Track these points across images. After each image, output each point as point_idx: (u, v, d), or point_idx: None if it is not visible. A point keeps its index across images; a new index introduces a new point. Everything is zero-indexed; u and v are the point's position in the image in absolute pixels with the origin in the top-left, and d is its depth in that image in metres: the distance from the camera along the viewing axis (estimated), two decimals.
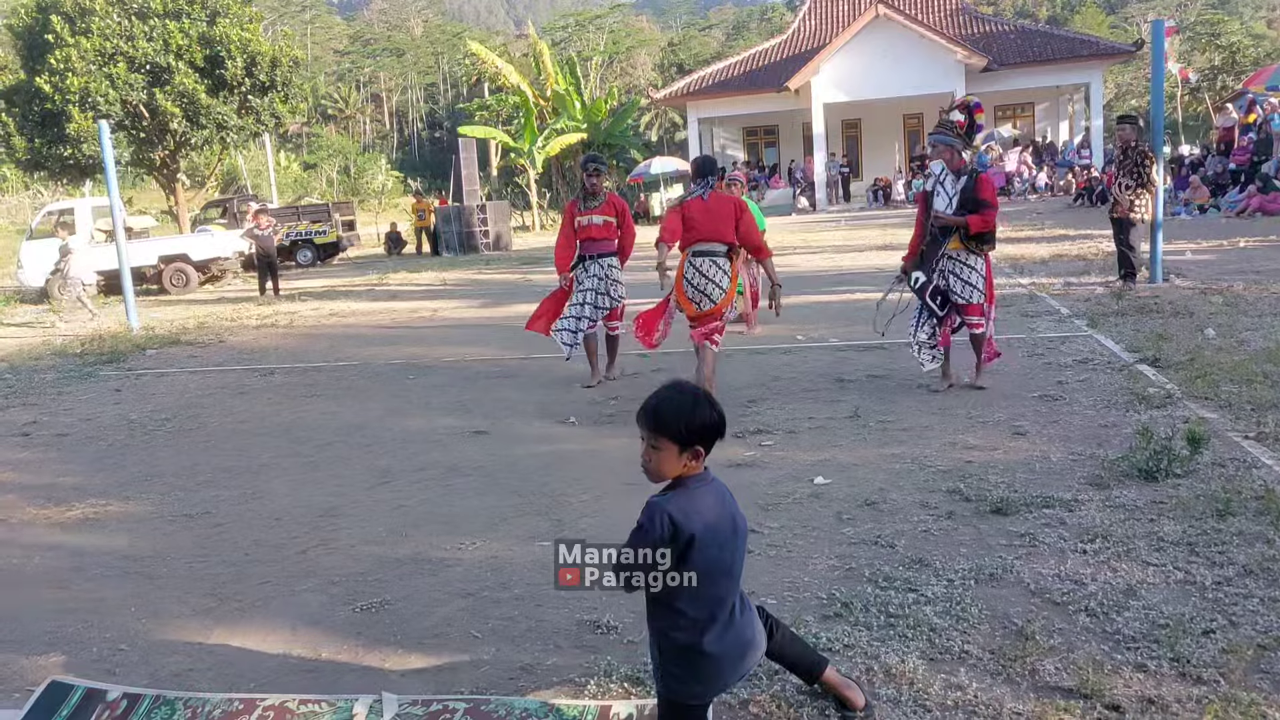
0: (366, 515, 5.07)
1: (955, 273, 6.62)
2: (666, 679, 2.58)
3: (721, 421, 2.57)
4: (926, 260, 6.71)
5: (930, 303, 6.64)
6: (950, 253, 6.62)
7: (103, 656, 3.58)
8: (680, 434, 2.49)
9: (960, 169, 6.59)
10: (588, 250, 7.92)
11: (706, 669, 2.54)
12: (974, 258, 6.61)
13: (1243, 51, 50.96)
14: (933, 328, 6.72)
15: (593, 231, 7.86)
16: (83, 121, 23.73)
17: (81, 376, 10.16)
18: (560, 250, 7.93)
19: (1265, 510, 4.04)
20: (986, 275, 6.68)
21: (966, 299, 6.60)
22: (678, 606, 2.50)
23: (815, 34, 36.55)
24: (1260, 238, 14.67)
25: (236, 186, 49.21)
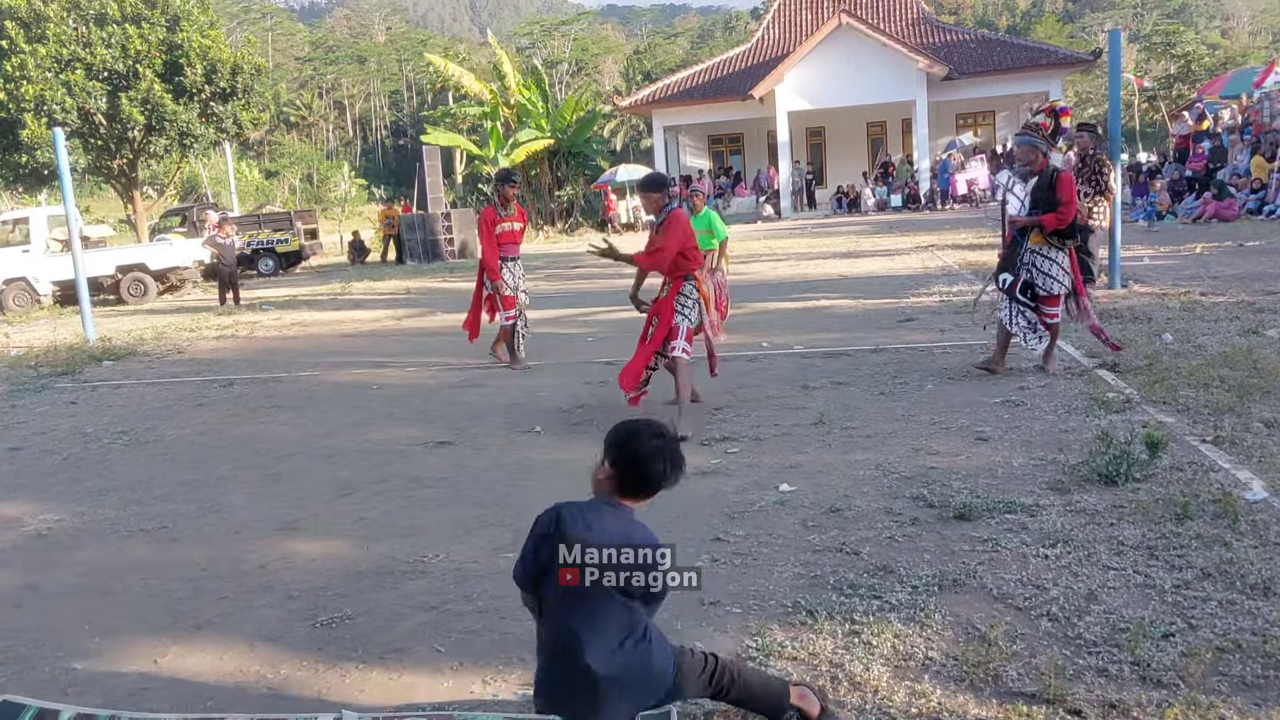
0: (327, 528, 5.00)
1: (1037, 265, 7.03)
2: None
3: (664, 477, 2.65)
4: (1010, 260, 7.14)
5: (1020, 298, 7.05)
6: (1033, 248, 7.03)
7: (55, 676, 3.50)
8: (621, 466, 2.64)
9: (1042, 170, 6.98)
10: (507, 253, 9.03)
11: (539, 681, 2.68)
12: (1056, 251, 7.00)
13: (1198, 61, 51.89)
14: (1028, 318, 7.10)
15: (514, 236, 9.09)
16: (37, 129, 23.36)
17: (36, 389, 9.96)
18: (489, 254, 8.97)
19: (1223, 514, 4.09)
20: (1072, 268, 7.07)
21: (1046, 290, 7.00)
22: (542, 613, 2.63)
23: (779, 43, 36.79)
24: (1216, 243, 14.92)
25: (197, 195, 48.67)
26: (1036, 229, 6.98)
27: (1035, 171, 7.04)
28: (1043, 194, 6.96)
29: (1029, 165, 7.06)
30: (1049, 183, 6.96)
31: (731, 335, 9.72)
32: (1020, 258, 7.08)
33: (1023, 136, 7.24)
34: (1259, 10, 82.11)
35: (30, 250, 20.72)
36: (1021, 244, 7.09)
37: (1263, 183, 19.15)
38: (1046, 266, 7.02)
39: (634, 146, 61.42)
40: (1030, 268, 7.05)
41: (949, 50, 33.24)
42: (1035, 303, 7.08)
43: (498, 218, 8.91)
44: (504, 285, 8.90)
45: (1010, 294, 7.08)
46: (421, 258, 26.01)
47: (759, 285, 14.34)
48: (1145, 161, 25.94)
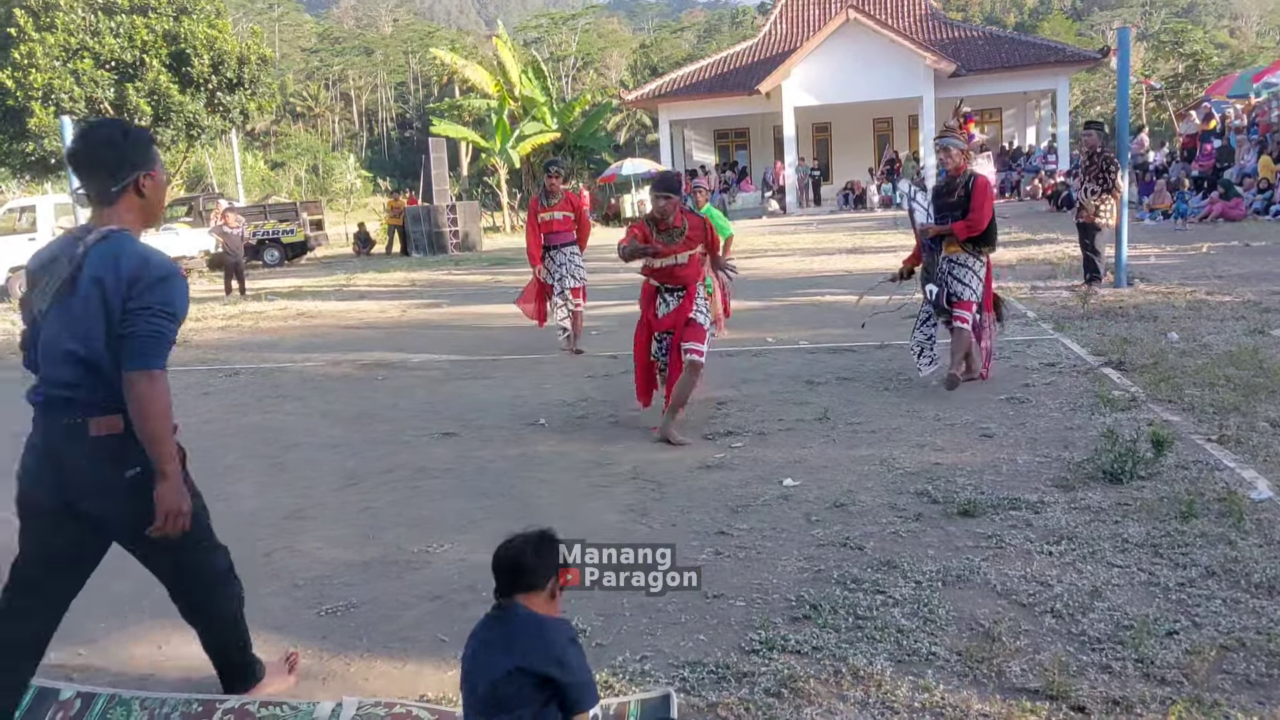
0: (333, 517, 5.02)
1: (953, 273, 6.79)
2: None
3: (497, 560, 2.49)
4: (930, 271, 6.93)
5: (945, 306, 6.79)
6: (949, 256, 6.81)
7: (62, 660, 3.51)
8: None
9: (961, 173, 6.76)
10: (551, 241, 9.19)
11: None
12: (973, 260, 6.77)
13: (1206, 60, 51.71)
14: (932, 331, 6.90)
15: (554, 225, 9.14)
16: (45, 117, 23.38)
17: None
18: (531, 244, 9.24)
19: (1227, 512, 4.09)
20: (986, 278, 6.85)
21: (959, 296, 6.74)
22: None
23: (786, 38, 36.69)
24: (1223, 242, 14.89)
25: (203, 185, 48.70)
26: (950, 237, 6.72)
27: (955, 174, 6.78)
28: (958, 199, 6.69)
29: (949, 166, 6.81)
30: (966, 188, 6.68)
31: (736, 331, 9.72)
32: (939, 267, 6.85)
33: (943, 139, 6.96)
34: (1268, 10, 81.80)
35: (36, 238, 20.71)
36: (938, 252, 6.88)
37: (1270, 182, 19.10)
38: (962, 275, 6.75)
39: (639, 141, 61.35)
40: (947, 275, 6.80)
41: (956, 47, 33.14)
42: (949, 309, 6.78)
43: (541, 207, 9.22)
44: (540, 271, 9.19)
45: (938, 306, 6.82)
46: (426, 250, 26.01)
47: (764, 280, 14.33)
48: (1152, 160, 25.83)
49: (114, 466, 2.70)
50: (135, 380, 2.61)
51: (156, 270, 2.68)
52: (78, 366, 2.67)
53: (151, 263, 2.69)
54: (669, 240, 5.89)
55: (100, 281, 2.64)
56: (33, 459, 2.79)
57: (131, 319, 2.62)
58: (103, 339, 2.65)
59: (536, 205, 9.29)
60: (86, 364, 2.66)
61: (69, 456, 2.71)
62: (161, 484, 2.70)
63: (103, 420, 2.68)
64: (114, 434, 2.68)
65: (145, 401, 2.62)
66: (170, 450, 2.71)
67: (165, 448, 2.68)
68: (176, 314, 2.71)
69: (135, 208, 2.80)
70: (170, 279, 2.70)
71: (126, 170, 2.75)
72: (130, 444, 2.68)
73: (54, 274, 2.72)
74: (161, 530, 2.72)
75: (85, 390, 2.69)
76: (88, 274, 2.66)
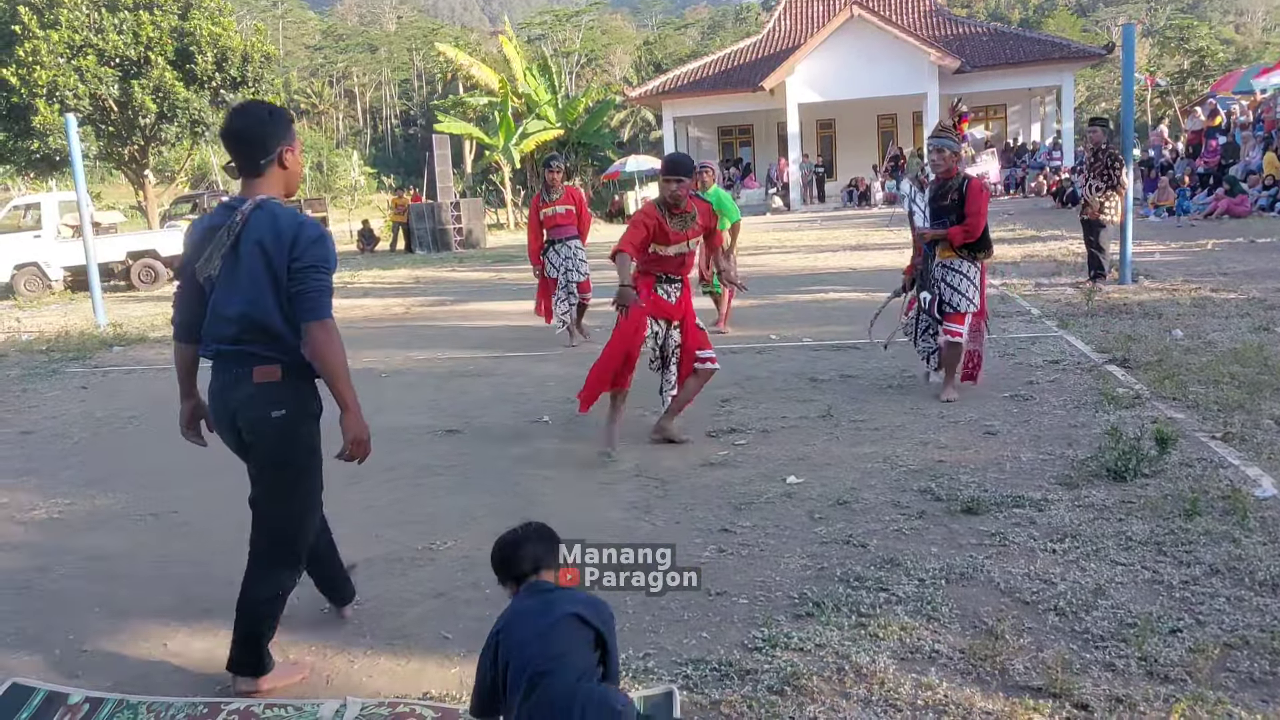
0: (336, 515, 4.97)
1: (947, 280, 6.50)
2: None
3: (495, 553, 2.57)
4: (924, 275, 6.61)
5: (937, 316, 6.53)
6: (943, 261, 6.50)
7: (65, 658, 3.52)
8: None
9: (953, 175, 6.45)
10: (555, 235, 9.38)
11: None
12: (967, 265, 6.47)
13: (1212, 56, 51.60)
14: (931, 337, 6.65)
15: (558, 219, 9.32)
16: (49, 115, 23.41)
17: (47, 373, 10.01)
18: (532, 243, 9.47)
19: (1231, 510, 4.08)
20: (980, 285, 6.55)
21: (954, 306, 6.45)
22: None
23: (790, 34, 36.66)
24: (1228, 239, 14.85)
25: (207, 182, 48.73)
26: (944, 242, 6.45)
27: (947, 176, 6.47)
28: (952, 203, 6.42)
29: (940, 168, 6.49)
30: (959, 191, 6.41)
31: (740, 328, 9.72)
32: (932, 273, 6.55)
33: (937, 139, 6.56)
34: (1274, 5, 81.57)
35: (42, 236, 20.79)
36: (931, 258, 6.56)
37: (1275, 179, 19.04)
38: (956, 281, 6.46)
39: (643, 138, 61.30)
40: (940, 283, 6.51)
41: (961, 43, 33.08)
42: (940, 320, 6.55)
43: (543, 203, 9.38)
44: (544, 268, 9.39)
45: (932, 313, 6.55)
46: (430, 247, 26.03)
47: (768, 277, 14.32)
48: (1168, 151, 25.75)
49: (267, 407, 3.09)
50: (312, 330, 3.01)
51: (311, 231, 3.04)
52: (245, 324, 3.03)
53: (306, 225, 3.05)
54: (682, 226, 5.59)
55: (261, 244, 2.98)
56: (211, 400, 3.24)
57: (298, 277, 2.98)
58: (269, 297, 3.00)
59: (538, 203, 9.44)
60: (253, 321, 3.02)
61: (235, 398, 3.10)
62: (345, 416, 3.13)
63: (263, 369, 3.07)
64: (272, 381, 3.08)
65: (323, 346, 3.01)
66: (350, 386, 3.11)
67: (345, 384, 3.09)
68: (332, 268, 3.07)
69: (279, 178, 3.16)
70: (323, 238, 3.06)
71: (273, 145, 3.10)
72: (283, 389, 3.10)
73: (216, 242, 3.04)
74: (350, 455, 3.18)
75: (250, 344, 3.05)
76: (249, 238, 3.00)
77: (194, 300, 3.19)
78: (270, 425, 3.10)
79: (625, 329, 5.56)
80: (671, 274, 5.71)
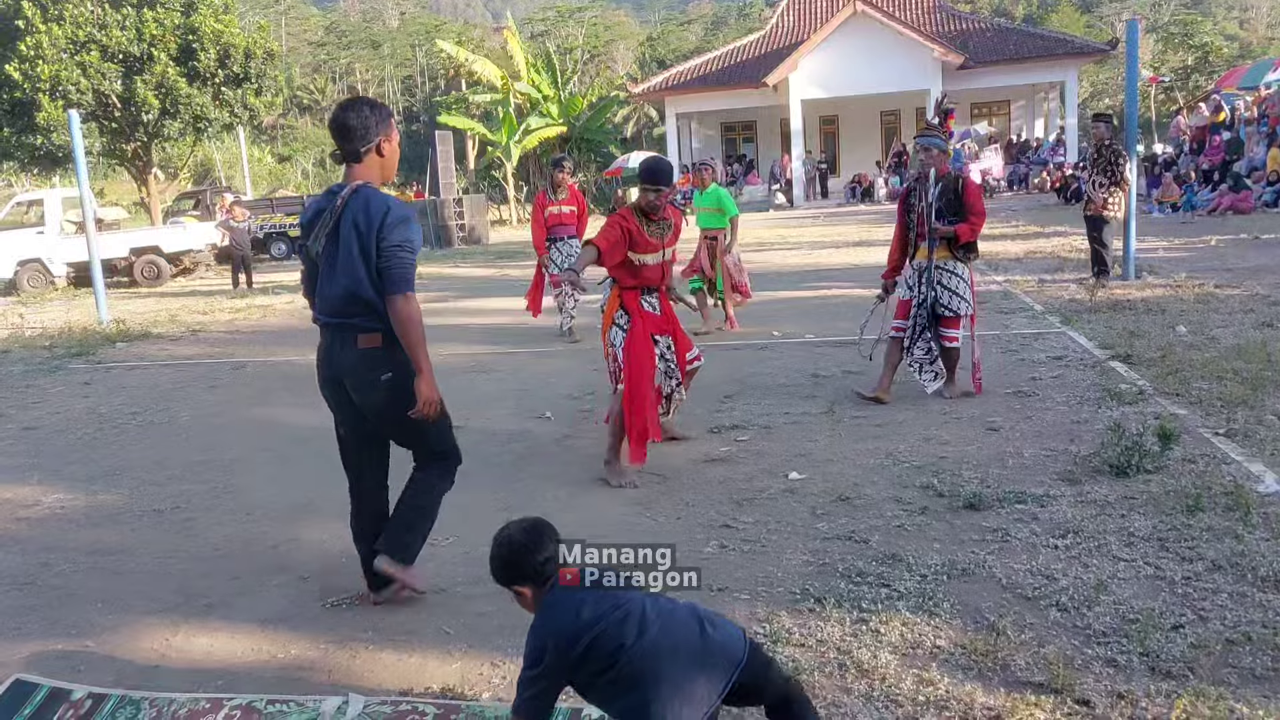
0: (338, 510, 4.98)
1: (943, 282, 6.34)
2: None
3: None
4: (927, 276, 6.34)
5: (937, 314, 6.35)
6: (939, 263, 6.35)
7: (68, 653, 3.53)
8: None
9: (945, 174, 6.30)
10: (557, 234, 9.64)
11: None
12: (960, 267, 6.36)
13: (1215, 51, 51.43)
14: (928, 344, 6.42)
15: (562, 218, 9.62)
16: (53, 111, 23.40)
17: (50, 369, 10.03)
18: (536, 235, 9.72)
19: (1234, 506, 4.08)
20: (971, 287, 6.43)
21: (954, 311, 6.33)
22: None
23: (793, 30, 36.60)
24: (1232, 236, 14.82)
25: (210, 178, 48.75)
26: (942, 242, 6.29)
27: (938, 176, 6.27)
28: (948, 202, 6.25)
29: (929, 167, 6.29)
30: (955, 190, 6.27)
31: (742, 324, 9.71)
32: (928, 275, 6.35)
33: (924, 137, 6.38)
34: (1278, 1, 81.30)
35: (45, 232, 20.82)
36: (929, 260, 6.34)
37: (1279, 175, 19.00)
38: (953, 284, 6.32)
39: (646, 134, 61.23)
40: (938, 286, 6.34)
41: (965, 39, 33.02)
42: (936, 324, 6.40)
43: (547, 201, 9.66)
44: (549, 263, 9.58)
45: (933, 313, 6.37)
46: (433, 243, 26.01)
47: (771, 274, 14.31)
48: (1161, 153, 25.71)
49: (373, 370, 3.49)
50: (394, 301, 3.40)
51: (398, 214, 3.41)
52: (347, 297, 3.44)
53: (393, 208, 3.42)
54: (660, 234, 5.29)
55: (356, 225, 3.39)
56: (320, 365, 3.63)
57: (385, 255, 3.38)
58: (364, 273, 3.40)
59: (543, 199, 9.70)
60: (354, 295, 3.43)
61: (342, 362, 3.52)
62: (419, 379, 3.48)
63: (365, 336, 3.47)
64: (374, 347, 3.48)
65: (404, 316, 3.41)
66: (425, 353, 3.48)
67: (421, 351, 3.46)
68: (416, 248, 3.47)
69: (376, 165, 3.54)
70: (409, 220, 3.45)
71: (373, 135, 3.49)
72: (385, 355, 3.49)
73: (321, 224, 3.48)
74: (420, 414, 3.51)
75: (353, 316, 3.46)
76: (346, 220, 3.41)
77: (311, 276, 3.63)
78: (381, 387, 3.51)
79: (639, 359, 5.16)
80: (653, 284, 5.38)
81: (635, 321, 5.21)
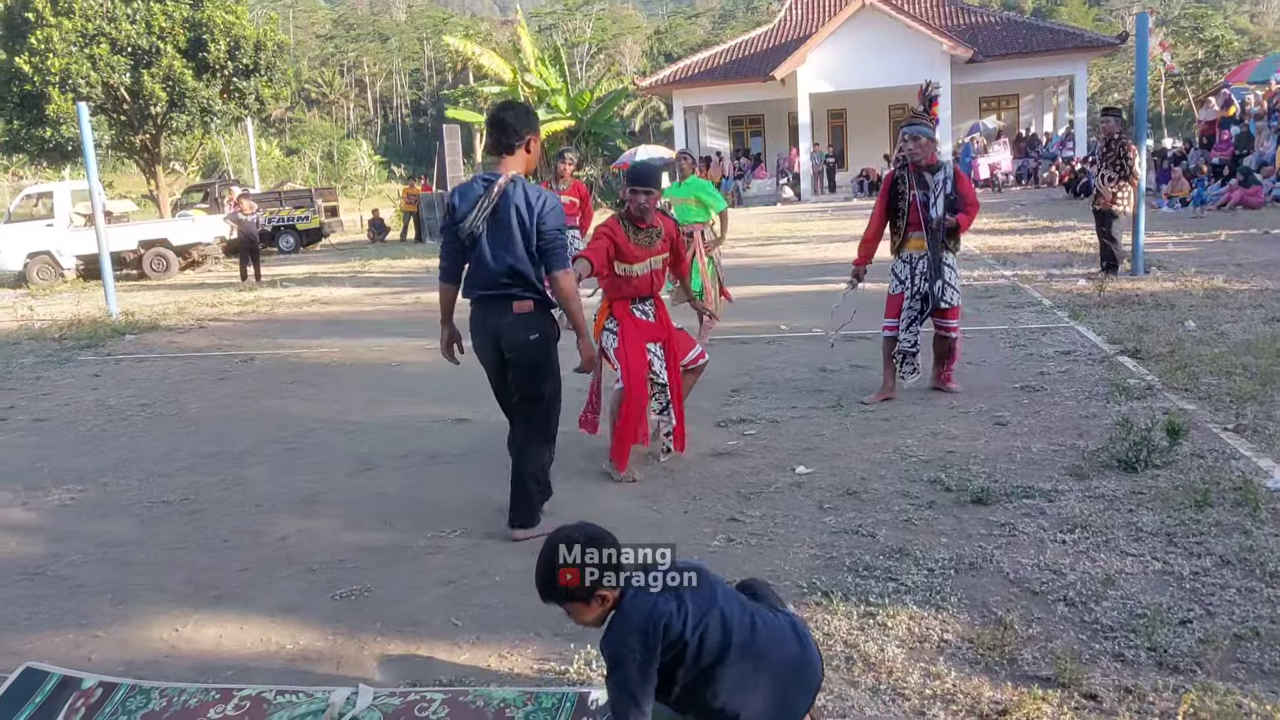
0: (347, 502, 5.05)
1: (943, 275, 6.28)
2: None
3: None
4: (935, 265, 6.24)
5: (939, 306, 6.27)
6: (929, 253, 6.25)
7: (78, 643, 3.55)
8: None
9: (934, 164, 6.19)
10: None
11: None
12: (951, 258, 6.32)
13: (1226, 45, 51.21)
14: (915, 335, 6.33)
15: (568, 209, 9.24)
16: (62, 103, 23.47)
17: (60, 361, 10.07)
18: None
19: (1243, 501, 4.07)
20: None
21: (951, 302, 6.27)
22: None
23: (802, 23, 36.49)
24: (1241, 230, 14.76)
25: (218, 171, 48.81)
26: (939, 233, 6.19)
27: (928, 165, 6.14)
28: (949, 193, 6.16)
29: (918, 157, 6.13)
30: (950, 180, 6.17)
31: (750, 318, 9.70)
32: (926, 265, 6.27)
33: (912, 126, 6.19)
34: None
35: (54, 224, 20.89)
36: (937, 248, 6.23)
37: None
38: (950, 277, 6.26)
39: (654, 128, 61.16)
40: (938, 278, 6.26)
41: (974, 32, 32.88)
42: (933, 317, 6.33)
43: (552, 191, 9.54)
44: None
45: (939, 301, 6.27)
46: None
47: (778, 268, 14.30)
48: (1170, 148, 25.58)
49: (525, 331, 4.16)
50: (558, 277, 4.13)
51: (552, 202, 4.15)
52: (510, 272, 4.09)
53: (548, 198, 4.15)
54: (648, 242, 5.12)
55: (517, 209, 4.06)
56: (476, 329, 4.28)
57: (545, 237, 4.09)
58: (523, 251, 4.08)
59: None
60: (516, 270, 4.09)
61: (499, 326, 4.17)
62: (580, 340, 4.29)
63: (520, 304, 4.14)
64: (527, 312, 4.15)
65: (565, 288, 4.15)
66: (583, 318, 4.24)
67: (580, 316, 4.22)
68: (565, 230, 4.21)
69: (523, 159, 4.20)
70: (559, 207, 4.19)
71: (524, 133, 4.17)
72: (534, 318, 4.17)
73: (479, 208, 4.08)
74: (583, 370, 4.37)
75: (511, 287, 4.12)
76: (507, 205, 4.07)
77: (457, 252, 4.24)
78: (531, 345, 4.16)
79: (632, 368, 5.10)
80: (644, 294, 5.24)
81: (626, 328, 5.14)
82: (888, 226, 6.48)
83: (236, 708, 2.94)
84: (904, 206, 6.28)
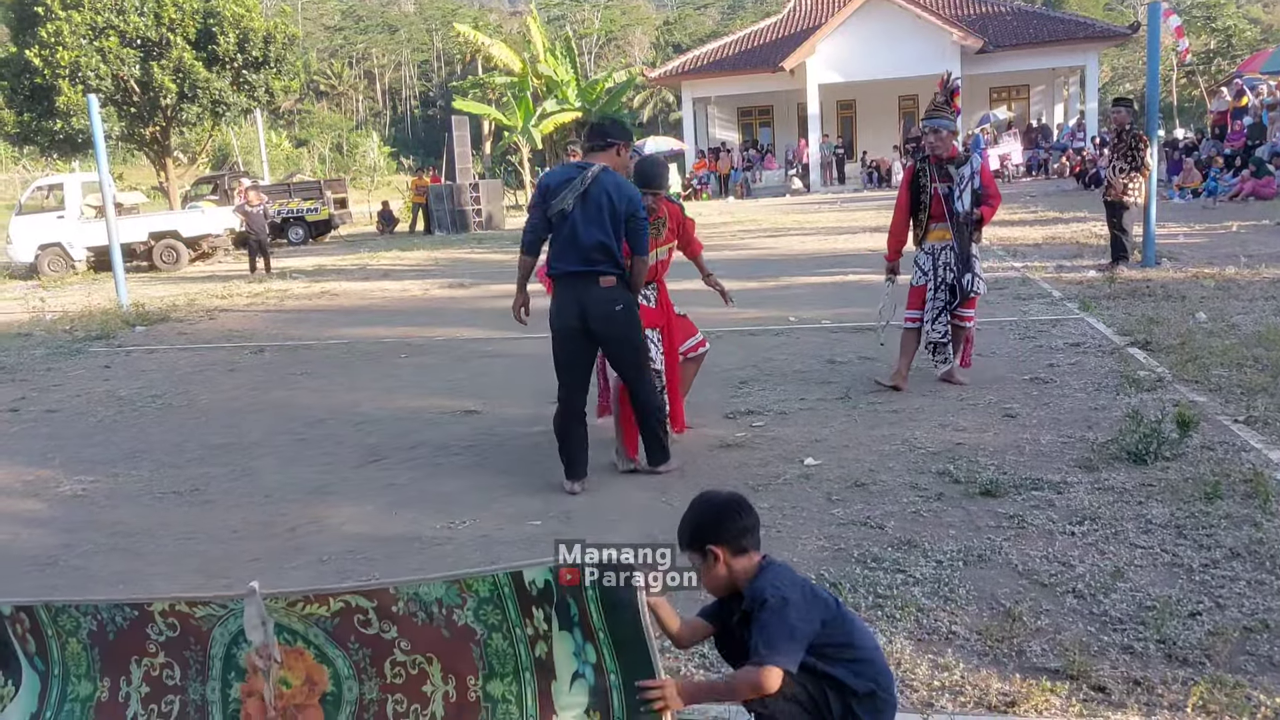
0: (356, 493, 5.07)
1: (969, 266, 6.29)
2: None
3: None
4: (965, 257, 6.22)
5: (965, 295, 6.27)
6: (951, 244, 6.24)
7: None
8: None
9: (955, 156, 6.20)
10: None
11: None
12: (977, 249, 6.36)
13: (1239, 35, 50.84)
14: (946, 325, 6.32)
15: None
16: (72, 95, 23.53)
17: (71, 353, 10.11)
18: None
19: (1253, 494, 4.05)
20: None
21: (974, 290, 6.28)
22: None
23: (811, 14, 36.34)
24: (1253, 221, 14.68)
25: (228, 163, 48.89)
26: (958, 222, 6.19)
27: (949, 157, 6.16)
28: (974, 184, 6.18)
29: (939, 149, 6.17)
30: (977, 174, 6.20)
31: (759, 309, 9.69)
32: (947, 256, 6.25)
33: (933, 119, 6.24)
34: None
35: (65, 216, 20.97)
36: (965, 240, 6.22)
37: None
38: (976, 267, 6.31)
39: (663, 119, 61.02)
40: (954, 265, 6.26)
41: (984, 22, 32.71)
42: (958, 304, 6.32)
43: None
44: None
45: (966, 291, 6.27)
46: (449, 228, 26.04)
47: (787, 259, 14.28)
48: (1182, 138, 25.43)
49: (610, 304, 4.67)
50: (638, 260, 4.74)
51: (634, 193, 4.71)
52: (600, 249, 4.59)
53: (635, 192, 4.73)
54: (655, 234, 5.27)
55: (608, 194, 4.57)
56: (562, 304, 4.72)
57: (632, 224, 4.64)
58: (610, 231, 4.59)
59: None
60: (605, 247, 4.60)
61: (588, 297, 4.66)
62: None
63: (606, 277, 4.64)
64: (611, 285, 4.66)
65: (642, 269, 4.79)
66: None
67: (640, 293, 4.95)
68: (646, 218, 4.80)
69: (613, 158, 4.77)
70: (640, 198, 4.74)
71: (617, 137, 4.82)
72: (618, 291, 4.69)
73: (571, 188, 4.57)
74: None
75: (599, 263, 4.62)
76: (600, 189, 4.56)
77: (543, 227, 4.70)
78: (618, 314, 4.68)
79: None
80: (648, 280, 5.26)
81: None
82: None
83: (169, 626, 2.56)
84: (925, 199, 6.29)
